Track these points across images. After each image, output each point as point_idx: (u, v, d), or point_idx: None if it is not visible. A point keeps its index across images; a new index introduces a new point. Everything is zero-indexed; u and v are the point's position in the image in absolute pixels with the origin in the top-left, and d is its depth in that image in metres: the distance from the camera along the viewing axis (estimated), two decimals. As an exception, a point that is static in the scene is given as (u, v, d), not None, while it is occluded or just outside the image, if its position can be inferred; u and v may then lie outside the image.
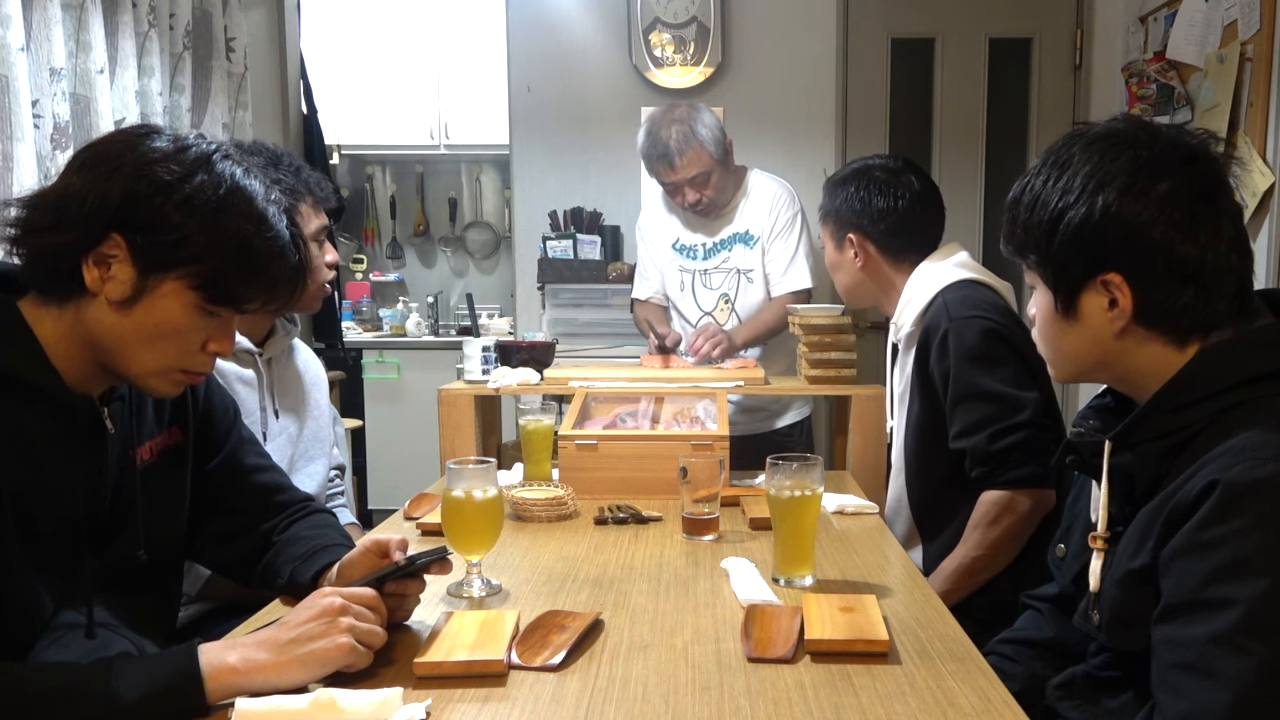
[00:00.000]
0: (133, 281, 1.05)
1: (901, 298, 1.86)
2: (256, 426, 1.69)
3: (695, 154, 2.53)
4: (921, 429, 1.78)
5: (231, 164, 1.10)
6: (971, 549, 1.68)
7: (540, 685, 1.02)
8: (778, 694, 0.99)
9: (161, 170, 1.05)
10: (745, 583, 1.31)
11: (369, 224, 5.26)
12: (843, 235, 1.91)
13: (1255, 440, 0.92)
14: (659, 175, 2.61)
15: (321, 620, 1.01)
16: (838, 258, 1.95)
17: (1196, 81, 2.65)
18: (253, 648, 0.98)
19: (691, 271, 2.74)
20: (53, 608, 1.10)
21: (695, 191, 2.58)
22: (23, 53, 2.05)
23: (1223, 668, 0.88)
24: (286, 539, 1.34)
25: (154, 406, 1.26)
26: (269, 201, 1.11)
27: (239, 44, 3.13)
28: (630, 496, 1.80)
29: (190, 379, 1.15)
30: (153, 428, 1.25)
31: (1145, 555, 0.97)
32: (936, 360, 1.71)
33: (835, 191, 1.93)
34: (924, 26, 3.58)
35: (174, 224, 1.04)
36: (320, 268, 1.74)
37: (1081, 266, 1.03)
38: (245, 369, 1.69)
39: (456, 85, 4.70)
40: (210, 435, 1.34)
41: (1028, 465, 1.62)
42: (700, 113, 2.59)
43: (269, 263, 1.10)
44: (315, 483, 1.84)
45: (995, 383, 1.64)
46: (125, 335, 1.07)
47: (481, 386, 2.20)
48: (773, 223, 2.66)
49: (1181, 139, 1.04)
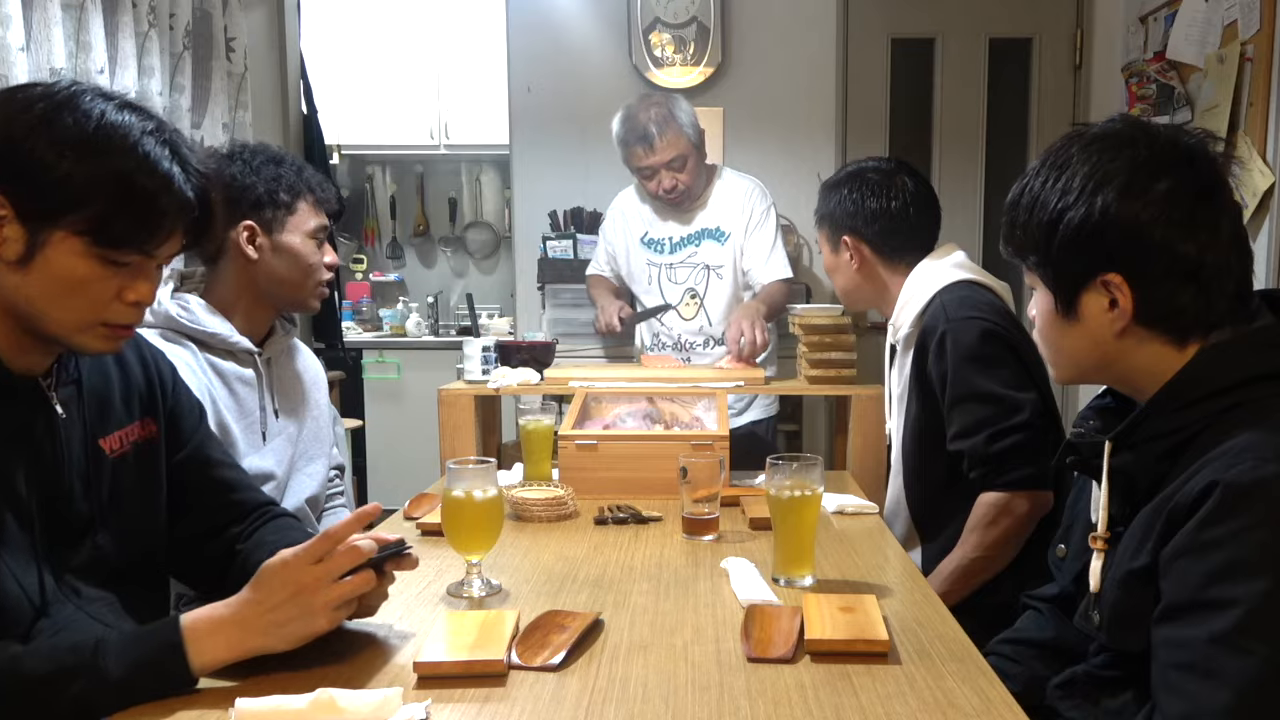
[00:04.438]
0: (23, 238, 1.02)
1: (899, 299, 1.86)
2: (256, 426, 1.69)
3: (674, 136, 2.54)
4: (920, 430, 1.78)
5: (102, 101, 1.06)
6: (970, 550, 1.67)
7: (540, 685, 1.02)
8: (778, 694, 0.99)
9: (28, 116, 1.02)
10: (745, 583, 1.31)
11: (369, 224, 5.26)
12: (838, 238, 1.91)
13: (1255, 441, 0.92)
14: (636, 159, 2.60)
15: (297, 601, 1.02)
16: (834, 260, 1.95)
17: (1196, 81, 2.65)
18: (232, 627, 1.01)
19: (659, 265, 2.75)
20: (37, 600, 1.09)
21: (671, 176, 2.58)
22: (23, 53, 2.05)
23: (1223, 668, 0.88)
24: (251, 545, 1.30)
25: (121, 394, 1.24)
26: (146, 134, 1.06)
27: (239, 44, 3.12)
28: (630, 496, 1.80)
29: (118, 333, 1.12)
30: (121, 417, 1.23)
31: (1145, 556, 0.97)
32: (934, 361, 1.71)
33: (829, 195, 1.93)
34: (924, 26, 3.58)
35: (47, 168, 1.01)
36: (319, 268, 1.74)
37: (1081, 267, 1.03)
38: (245, 369, 1.69)
39: (456, 85, 4.70)
40: (178, 428, 1.32)
41: (1026, 467, 1.62)
42: (677, 100, 2.63)
43: (156, 197, 1.06)
44: (315, 483, 1.84)
45: (993, 384, 1.64)
46: (32, 296, 1.05)
47: (481, 386, 2.20)
48: (747, 218, 2.67)
49: (1180, 139, 1.04)
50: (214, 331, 1.63)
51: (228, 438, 1.63)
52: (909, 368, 1.80)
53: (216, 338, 1.63)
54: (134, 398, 1.26)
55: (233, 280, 1.68)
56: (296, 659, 1.09)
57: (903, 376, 1.85)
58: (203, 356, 1.62)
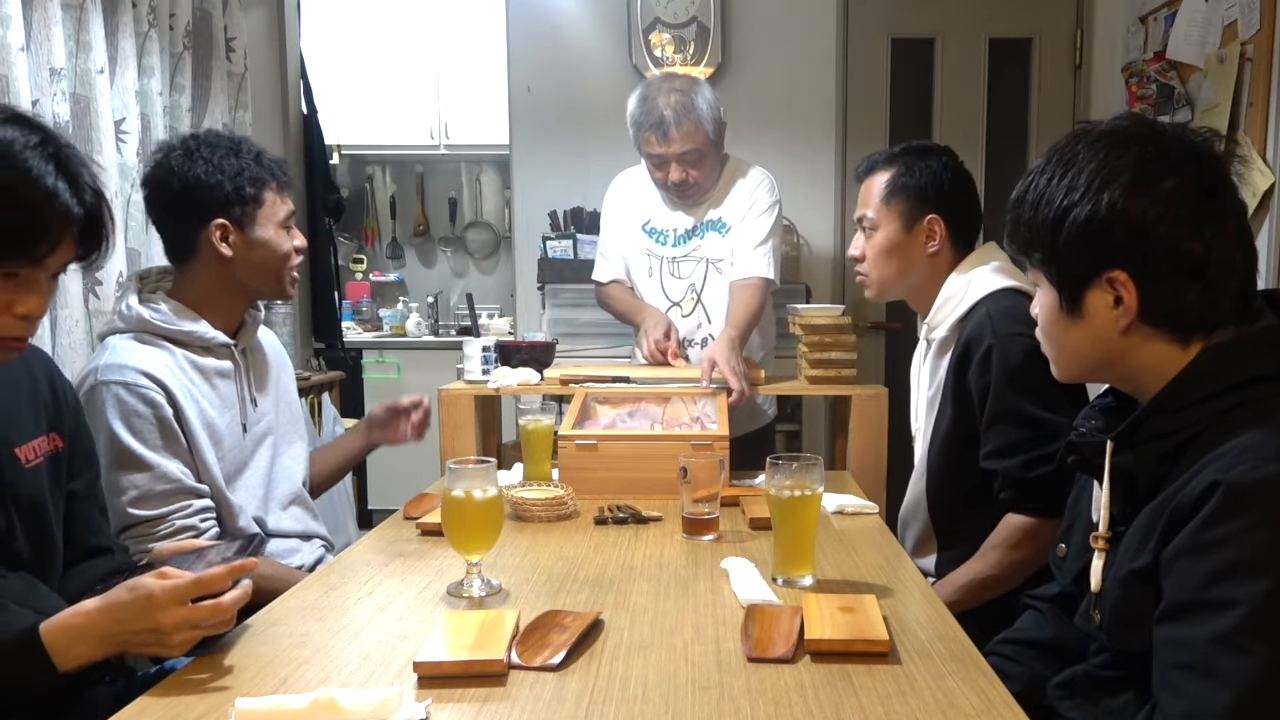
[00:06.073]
0: None
1: (939, 296, 1.75)
2: (236, 418, 1.69)
3: (692, 127, 2.33)
4: (951, 439, 1.72)
5: None
6: (988, 568, 1.64)
7: (540, 685, 1.01)
8: (778, 694, 0.99)
9: None
10: (745, 583, 1.31)
11: (369, 224, 5.26)
12: (921, 214, 1.74)
13: (1257, 441, 0.92)
14: (648, 146, 2.39)
15: (155, 633, 1.05)
16: (903, 239, 1.76)
17: (1196, 81, 2.65)
18: (93, 639, 1.06)
19: (660, 258, 2.52)
20: None
21: (683, 170, 2.38)
22: (23, 53, 2.05)
23: (1224, 668, 0.88)
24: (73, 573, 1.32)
25: (29, 405, 1.25)
26: (29, 148, 1.07)
27: (239, 44, 3.12)
28: (630, 496, 1.80)
29: (8, 344, 1.13)
30: (31, 428, 1.25)
31: (1147, 555, 0.97)
32: (977, 374, 1.65)
33: (912, 162, 1.75)
34: (924, 26, 3.58)
35: None
36: (291, 254, 1.72)
37: (1086, 264, 1.03)
38: (223, 361, 1.68)
39: (456, 85, 4.70)
40: (78, 450, 1.34)
41: (1056, 496, 1.56)
42: (700, 86, 2.39)
43: (38, 210, 1.07)
44: (300, 465, 1.84)
45: (1035, 407, 1.58)
46: None
47: (481, 386, 2.20)
48: (747, 208, 2.47)
49: (1186, 136, 1.04)
50: (190, 329, 1.62)
51: (214, 434, 1.63)
52: (943, 371, 1.73)
53: (193, 335, 1.63)
54: (41, 410, 1.27)
55: (206, 278, 1.66)
56: (296, 659, 1.09)
57: (935, 379, 1.77)
58: (181, 355, 1.62)
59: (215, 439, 1.63)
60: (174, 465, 1.54)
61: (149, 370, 1.54)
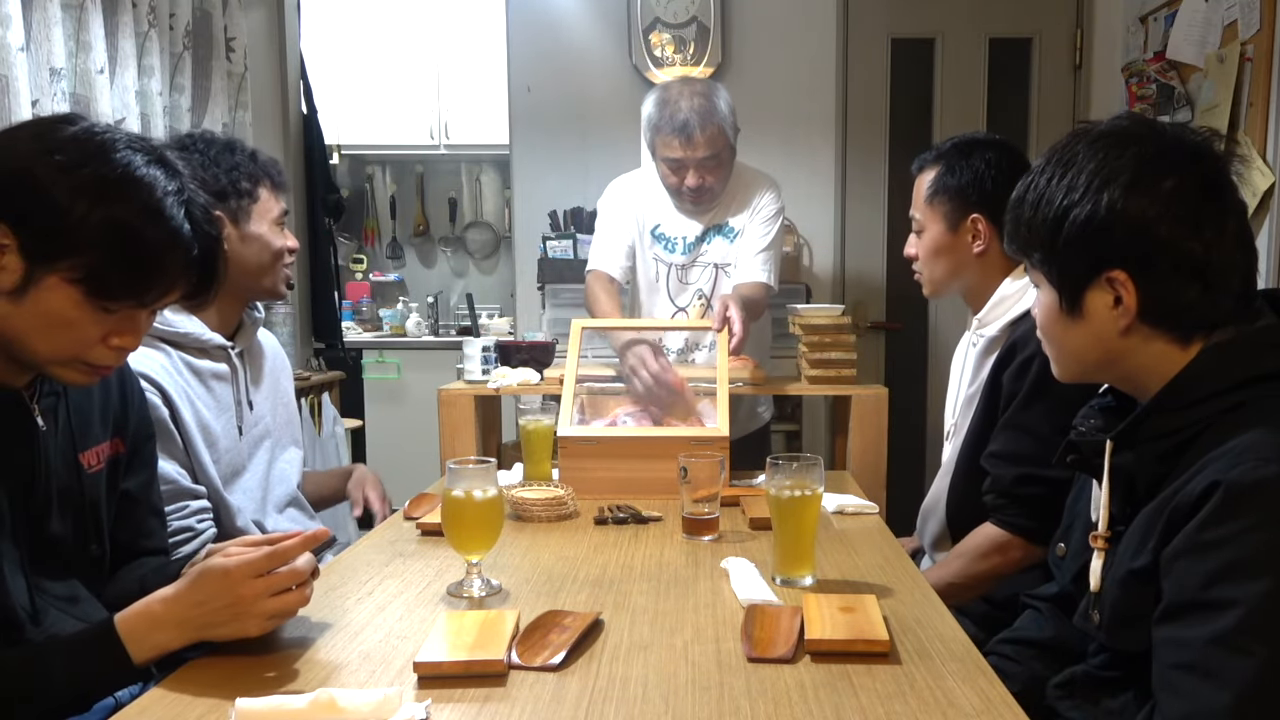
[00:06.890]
0: (21, 272, 1.03)
1: (994, 296, 1.72)
2: (232, 421, 1.69)
3: (716, 131, 2.28)
4: (978, 438, 1.70)
5: (133, 154, 1.06)
6: (952, 575, 1.62)
7: (540, 685, 1.01)
8: (778, 694, 0.99)
9: (53, 158, 1.02)
10: (745, 583, 1.31)
11: (369, 224, 5.26)
12: (964, 214, 1.71)
13: (1257, 441, 0.92)
14: (668, 149, 2.32)
15: (234, 609, 1.05)
16: (949, 240, 1.73)
17: (1196, 81, 2.65)
18: (170, 626, 1.05)
19: (669, 265, 2.49)
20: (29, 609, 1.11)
21: (700, 175, 2.33)
22: (23, 53, 2.05)
23: (1223, 668, 0.88)
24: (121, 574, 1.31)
25: (99, 411, 1.25)
26: (169, 193, 1.07)
27: (239, 44, 3.12)
28: (630, 496, 1.80)
29: (95, 371, 1.13)
30: (99, 434, 1.25)
31: (1146, 555, 0.97)
32: (1011, 378, 1.63)
33: (955, 160, 1.73)
34: (924, 26, 3.58)
35: (57, 213, 1.02)
36: (283, 250, 1.72)
37: (1087, 264, 1.03)
38: (219, 364, 1.68)
39: (456, 85, 4.70)
40: (139, 454, 1.34)
41: (1037, 520, 1.55)
42: (720, 90, 2.36)
43: (162, 255, 1.07)
44: (295, 469, 1.84)
45: (1045, 424, 1.55)
46: (19, 325, 1.06)
47: (481, 386, 2.20)
48: (754, 210, 2.45)
49: (1186, 136, 1.04)
50: (186, 331, 1.62)
51: (209, 436, 1.62)
52: (986, 371, 1.71)
53: (190, 337, 1.62)
54: (109, 414, 1.27)
55: None
56: (296, 659, 1.09)
57: (979, 376, 1.75)
58: (178, 357, 1.61)
59: (210, 441, 1.63)
60: (170, 466, 1.54)
61: (145, 371, 1.54)
